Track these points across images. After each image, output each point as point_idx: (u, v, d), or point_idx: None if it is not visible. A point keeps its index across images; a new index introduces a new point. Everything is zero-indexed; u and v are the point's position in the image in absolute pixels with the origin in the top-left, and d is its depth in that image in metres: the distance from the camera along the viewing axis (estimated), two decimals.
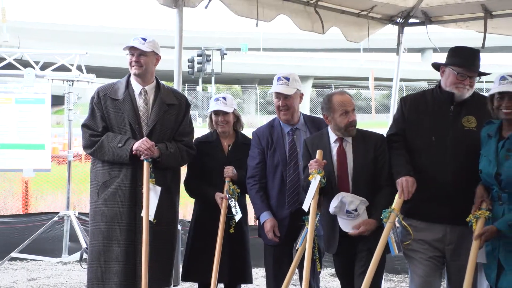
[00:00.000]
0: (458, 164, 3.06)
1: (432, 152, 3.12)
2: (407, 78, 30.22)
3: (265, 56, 41.49)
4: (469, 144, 3.05)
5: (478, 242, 2.84)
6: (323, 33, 4.30)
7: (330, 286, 5.15)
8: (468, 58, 3.12)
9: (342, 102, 3.23)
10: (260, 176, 3.52)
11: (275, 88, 3.48)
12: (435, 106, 3.17)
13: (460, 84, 3.09)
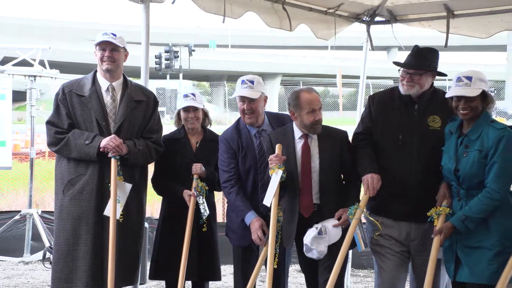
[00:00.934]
0: (423, 163, 3.13)
1: (398, 151, 3.18)
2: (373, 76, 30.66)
3: (233, 53, 41.43)
4: (434, 144, 3.11)
5: (438, 238, 2.92)
6: (291, 30, 4.31)
7: (298, 282, 5.19)
8: (411, 56, 3.17)
9: (309, 100, 3.25)
10: (235, 179, 3.49)
11: (240, 91, 3.45)
12: (402, 105, 3.23)
13: (403, 81, 3.17)
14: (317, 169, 3.26)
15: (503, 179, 2.81)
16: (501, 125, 2.90)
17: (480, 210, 2.83)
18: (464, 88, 2.91)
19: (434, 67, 3.18)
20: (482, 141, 2.88)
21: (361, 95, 4.90)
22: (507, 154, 2.81)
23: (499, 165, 2.81)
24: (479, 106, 2.92)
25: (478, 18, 4.20)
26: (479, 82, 2.91)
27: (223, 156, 3.53)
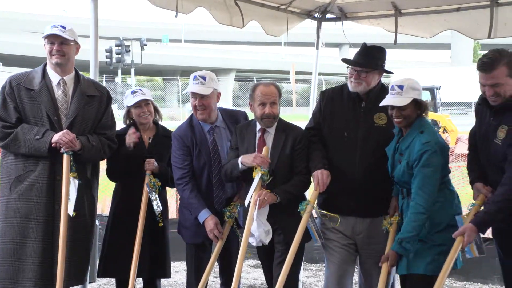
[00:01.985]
0: (367, 160, 3.21)
1: (344, 147, 3.25)
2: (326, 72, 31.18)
3: (187, 48, 41.01)
4: (379, 140, 3.19)
5: (386, 265, 3.02)
6: (242, 26, 4.31)
7: (251, 277, 5.22)
8: (359, 54, 3.24)
9: (262, 93, 3.29)
10: (190, 176, 3.46)
11: (191, 87, 3.43)
12: (350, 102, 3.30)
13: (351, 78, 3.25)
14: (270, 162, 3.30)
15: (425, 192, 2.91)
16: (427, 137, 2.95)
17: (411, 228, 2.93)
18: (395, 97, 2.99)
19: (381, 65, 3.26)
20: (410, 153, 2.98)
21: (313, 91, 4.96)
22: (427, 169, 2.90)
23: (420, 179, 2.92)
24: (411, 114, 3.00)
25: (423, 17, 4.32)
26: (411, 90, 2.98)
27: (177, 153, 3.50)
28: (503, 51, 2.86)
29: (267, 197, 3.17)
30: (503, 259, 3.16)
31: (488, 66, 2.83)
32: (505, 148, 2.84)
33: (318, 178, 3.18)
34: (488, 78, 2.85)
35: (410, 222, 2.94)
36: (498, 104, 2.89)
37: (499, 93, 2.86)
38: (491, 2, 3.95)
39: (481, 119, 3.09)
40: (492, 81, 2.84)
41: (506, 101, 2.88)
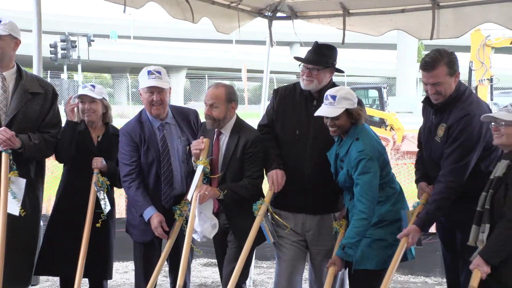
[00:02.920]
0: (317, 158, 3.25)
1: (295, 145, 3.28)
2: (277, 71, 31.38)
3: (136, 45, 40.23)
4: (327, 139, 3.23)
5: (332, 269, 3.07)
6: (194, 22, 4.27)
7: (202, 275, 5.20)
8: (311, 52, 3.29)
9: (207, 94, 3.31)
10: (137, 173, 3.40)
11: (150, 82, 3.37)
12: (302, 101, 3.33)
13: (303, 76, 3.29)
14: (221, 165, 3.31)
15: (367, 199, 2.98)
16: (362, 146, 3.02)
17: (355, 234, 2.99)
18: (328, 107, 3.05)
19: (332, 63, 3.31)
20: (349, 160, 3.05)
21: (265, 89, 4.98)
22: (365, 177, 2.97)
23: (360, 187, 2.99)
24: (345, 124, 3.06)
25: (370, 17, 4.42)
26: (343, 100, 3.03)
27: (124, 149, 3.43)
28: (443, 51, 2.97)
29: (207, 192, 3.15)
30: (444, 253, 3.29)
31: (429, 65, 2.93)
32: (443, 146, 2.96)
33: (273, 178, 3.20)
34: (430, 77, 2.95)
35: (353, 229, 3.00)
36: (439, 102, 3.00)
37: (440, 91, 2.96)
38: (432, 5, 4.09)
39: (425, 118, 3.20)
40: (433, 79, 2.95)
41: (446, 100, 2.99)
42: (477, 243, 2.64)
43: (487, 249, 2.57)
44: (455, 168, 2.90)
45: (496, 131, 2.66)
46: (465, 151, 2.90)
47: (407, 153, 13.13)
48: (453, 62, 2.97)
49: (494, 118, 2.66)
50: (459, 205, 2.90)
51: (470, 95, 3.05)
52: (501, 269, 2.55)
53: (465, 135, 2.88)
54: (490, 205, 2.61)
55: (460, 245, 2.99)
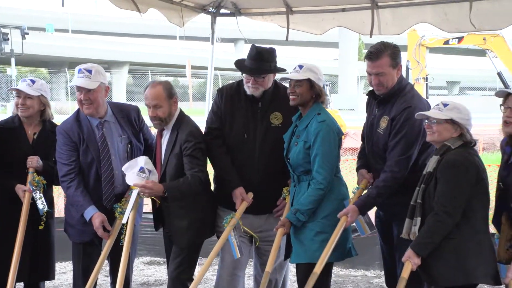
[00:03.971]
0: (265, 160, 3.28)
1: (244, 149, 3.29)
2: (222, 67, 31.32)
3: (75, 39, 38.88)
4: (275, 141, 3.26)
5: (282, 230, 3.11)
6: (141, 13, 4.17)
7: (145, 274, 5.15)
8: (252, 60, 3.26)
9: (146, 95, 3.27)
10: (76, 173, 3.30)
11: (76, 81, 3.27)
12: (247, 103, 3.33)
13: (248, 84, 3.28)
14: (161, 163, 3.29)
15: (325, 169, 3.05)
16: (323, 117, 3.11)
17: (308, 202, 3.06)
18: (293, 73, 3.12)
19: (275, 67, 3.32)
20: (307, 133, 3.10)
21: (209, 86, 4.95)
22: (324, 146, 3.05)
23: (320, 157, 3.05)
24: (305, 94, 3.11)
25: (313, 15, 4.48)
26: (308, 71, 3.11)
27: (62, 149, 3.32)
28: (387, 43, 3.10)
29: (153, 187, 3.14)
30: (382, 246, 3.41)
31: (374, 55, 3.05)
32: (386, 138, 3.06)
33: (242, 196, 3.23)
34: (374, 66, 3.06)
35: (308, 197, 3.05)
36: (382, 92, 3.10)
37: (383, 82, 3.07)
38: (371, 4, 4.21)
39: (369, 112, 3.30)
40: (377, 69, 3.05)
41: (389, 92, 3.09)
42: (410, 236, 2.74)
43: (417, 242, 2.67)
44: (400, 160, 3.00)
45: (428, 128, 2.77)
46: (409, 143, 3.00)
47: (349, 149, 13.47)
48: (396, 54, 3.09)
49: (426, 116, 2.78)
50: (397, 199, 3.00)
51: (411, 89, 3.17)
52: (429, 260, 2.66)
53: (408, 127, 2.98)
54: (422, 199, 2.72)
55: (396, 238, 3.09)
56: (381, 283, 4.65)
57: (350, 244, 3.20)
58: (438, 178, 2.67)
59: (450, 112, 2.71)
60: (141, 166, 3.19)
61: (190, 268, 3.36)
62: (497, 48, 13.99)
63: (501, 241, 2.71)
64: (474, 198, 2.63)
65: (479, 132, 9.95)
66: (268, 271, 3.06)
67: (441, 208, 2.62)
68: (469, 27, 3.89)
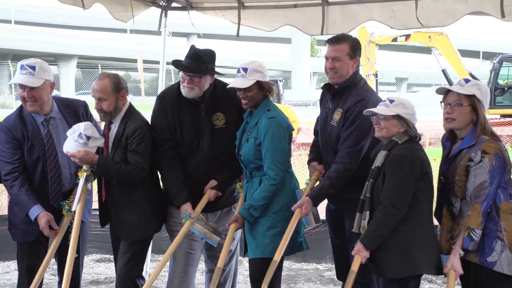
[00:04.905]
0: (216, 162, 3.29)
1: (196, 155, 3.27)
2: None
3: (19, 30, 37.33)
4: (221, 143, 3.26)
5: (234, 225, 3.12)
6: (84, 8, 4.04)
7: (94, 272, 5.07)
8: (189, 59, 3.23)
9: (93, 88, 3.20)
10: (20, 171, 3.18)
11: (18, 78, 3.15)
12: (191, 108, 3.28)
13: (184, 83, 3.24)
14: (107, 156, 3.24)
15: (276, 165, 3.07)
16: (272, 114, 3.13)
17: (261, 197, 3.08)
18: (240, 79, 3.11)
19: (212, 69, 3.28)
20: (258, 129, 3.12)
21: (161, 80, 4.88)
22: (275, 142, 3.07)
23: (270, 153, 3.07)
24: (256, 96, 3.13)
25: (264, 11, 4.49)
26: (254, 73, 3.10)
27: (5, 147, 3.20)
28: (350, 35, 3.23)
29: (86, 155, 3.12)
30: (334, 240, 3.48)
31: (335, 40, 3.15)
32: (339, 130, 3.12)
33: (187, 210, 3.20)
34: (332, 50, 3.13)
35: (261, 192, 3.07)
36: (334, 81, 3.16)
37: (337, 69, 3.13)
38: (322, 1, 4.26)
39: (323, 106, 3.35)
40: (335, 53, 3.12)
41: (343, 84, 3.15)
42: (360, 229, 2.80)
43: (366, 235, 2.73)
44: (351, 152, 3.06)
45: (377, 124, 2.84)
46: (361, 135, 3.06)
47: (302, 144, 13.63)
48: (356, 47, 3.17)
49: (373, 113, 2.85)
50: (348, 194, 3.06)
51: (365, 83, 3.25)
52: (377, 253, 2.73)
53: (360, 119, 3.04)
54: (371, 193, 2.78)
55: (348, 232, 3.15)
56: (332, 276, 4.75)
57: (301, 238, 3.24)
58: (385, 172, 2.74)
59: (397, 108, 2.79)
60: (80, 132, 3.12)
61: (139, 264, 3.32)
62: (442, 46, 14.54)
63: (442, 233, 2.81)
64: (419, 191, 2.71)
65: (425, 127, 10.29)
66: (220, 267, 3.06)
67: (389, 202, 2.69)
68: (415, 24, 4.02)
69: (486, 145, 2.66)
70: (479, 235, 2.63)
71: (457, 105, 2.73)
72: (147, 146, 3.20)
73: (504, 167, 2.67)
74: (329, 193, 3.13)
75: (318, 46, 43.98)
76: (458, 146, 2.78)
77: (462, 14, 3.95)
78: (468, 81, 2.79)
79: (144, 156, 3.18)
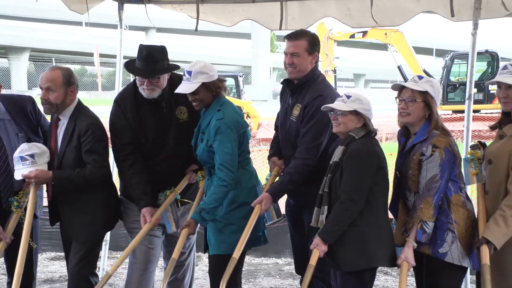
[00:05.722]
0: (182, 160, 3.26)
1: (162, 153, 3.22)
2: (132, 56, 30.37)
3: None
4: (185, 137, 3.22)
5: (187, 230, 3.08)
6: None
7: (48, 270, 4.98)
8: (143, 61, 3.14)
9: (42, 77, 3.12)
10: None
11: None
12: (151, 106, 3.21)
13: (142, 86, 3.17)
14: (57, 154, 3.17)
15: (226, 166, 3.04)
16: (221, 114, 3.08)
17: (213, 200, 3.05)
18: (185, 83, 3.07)
19: (168, 66, 3.23)
20: (209, 131, 3.10)
21: (119, 75, 4.79)
22: (223, 143, 3.03)
23: (219, 154, 3.04)
24: (205, 97, 3.09)
25: (223, 6, 4.46)
26: (199, 75, 3.05)
27: None
28: (309, 31, 3.25)
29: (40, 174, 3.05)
30: (293, 234, 3.52)
31: (293, 35, 3.17)
32: (298, 125, 3.15)
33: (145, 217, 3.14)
34: (291, 46, 3.15)
35: (211, 195, 3.05)
36: (293, 76, 3.18)
37: (296, 64, 3.15)
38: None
39: (283, 102, 3.37)
40: (293, 49, 3.14)
41: (302, 79, 3.18)
42: (319, 224, 2.84)
43: (324, 229, 2.77)
44: (310, 147, 3.09)
45: (334, 120, 2.88)
46: (319, 130, 3.10)
47: (262, 140, 13.69)
48: (315, 43, 3.20)
49: (331, 108, 2.89)
50: (307, 189, 3.09)
51: (324, 79, 3.29)
52: (335, 247, 2.77)
53: (319, 115, 3.07)
54: (329, 188, 2.82)
55: (307, 227, 3.18)
56: (291, 270, 4.80)
57: (260, 233, 3.26)
58: (343, 167, 2.78)
59: (353, 104, 2.84)
60: (19, 156, 3.04)
61: (92, 263, 3.28)
62: (397, 43, 14.90)
63: (397, 226, 2.89)
64: (375, 185, 2.76)
65: (382, 123, 10.53)
66: (174, 258, 3.02)
67: (346, 197, 2.73)
68: (370, 22, 4.10)
69: (437, 140, 2.74)
70: (432, 227, 2.71)
71: (411, 101, 2.80)
72: (103, 143, 3.13)
73: (453, 161, 2.76)
74: (289, 188, 3.15)
75: (278, 41, 44.22)
76: (411, 141, 2.86)
77: (414, 13, 4.07)
78: (422, 78, 2.86)
79: (101, 154, 3.11)
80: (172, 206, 3.22)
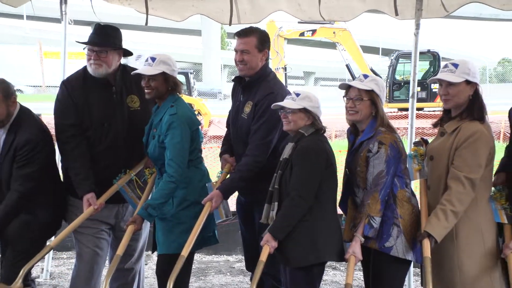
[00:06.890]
0: (131, 147, 3.19)
1: (106, 139, 3.16)
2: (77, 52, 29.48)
3: None
4: (138, 125, 3.17)
5: (132, 227, 3.02)
6: None
7: None
8: (94, 34, 3.16)
9: None
10: None
11: None
12: (101, 90, 3.17)
13: (90, 60, 3.14)
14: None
15: (176, 162, 3.01)
16: (174, 110, 3.07)
17: (159, 196, 3.02)
18: (146, 67, 3.05)
19: (119, 44, 3.22)
20: (161, 126, 3.06)
21: (63, 70, 4.64)
22: (175, 139, 3.00)
23: (170, 150, 3.02)
24: (160, 87, 3.06)
25: (172, 1, 4.40)
26: (162, 64, 3.05)
27: None
28: (258, 28, 3.25)
29: None
30: (243, 231, 3.52)
31: (243, 32, 3.17)
32: (249, 122, 3.15)
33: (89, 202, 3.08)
34: (241, 43, 3.15)
35: (159, 190, 3.02)
36: (244, 73, 3.19)
37: (246, 61, 3.16)
38: None
39: (234, 99, 3.37)
40: (243, 46, 3.15)
41: (253, 77, 3.18)
42: (269, 220, 2.86)
43: (274, 226, 2.79)
44: (260, 144, 3.10)
45: (284, 118, 2.90)
46: (269, 128, 3.11)
47: (214, 137, 13.65)
48: (264, 40, 3.21)
49: (281, 107, 2.91)
50: (258, 185, 3.10)
51: (275, 77, 3.31)
52: (284, 243, 2.79)
53: (269, 112, 3.08)
54: (279, 184, 2.84)
55: (258, 223, 3.19)
56: (242, 267, 4.81)
57: (210, 233, 3.23)
58: (293, 164, 2.81)
59: (303, 101, 2.87)
60: None
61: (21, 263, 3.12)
62: (345, 42, 15.23)
63: (347, 222, 2.95)
64: (324, 182, 2.81)
65: (332, 120, 10.72)
66: (119, 254, 2.96)
67: (296, 193, 2.76)
68: (319, 17, 4.22)
69: (382, 136, 2.82)
70: (379, 222, 2.77)
71: (358, 100, 2.86)
72: (36, 161, 3.05)
73: (399, 157, 2.84)
74: (240, 185, 3.16)
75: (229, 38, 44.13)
76: (359, 138, 2.92)
77: (361, 11, 4.19)
78: (367, 77, 2.93)
79: (26, 181, 3.04)
80: (129, 185, 3.16)
